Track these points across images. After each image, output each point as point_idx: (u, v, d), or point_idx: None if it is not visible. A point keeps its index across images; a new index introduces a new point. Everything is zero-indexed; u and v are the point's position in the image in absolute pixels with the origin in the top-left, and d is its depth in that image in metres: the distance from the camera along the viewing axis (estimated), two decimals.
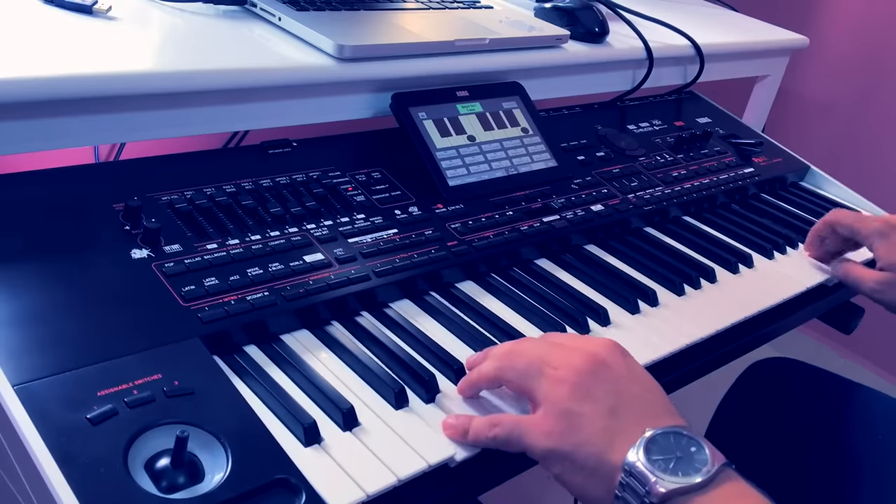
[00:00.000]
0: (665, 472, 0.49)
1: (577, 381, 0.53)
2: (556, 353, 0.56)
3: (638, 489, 0.49)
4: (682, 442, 0.51)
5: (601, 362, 0.55)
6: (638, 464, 0.49)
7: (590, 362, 0.54)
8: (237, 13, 0.88)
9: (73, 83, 0.65)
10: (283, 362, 0.62)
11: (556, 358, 0.55)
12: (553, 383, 0.54)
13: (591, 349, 0.56)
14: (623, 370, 0.55)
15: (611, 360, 0.55)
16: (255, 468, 0.50)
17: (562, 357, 0.55)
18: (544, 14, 1.08)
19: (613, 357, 0.55)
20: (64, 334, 0.55)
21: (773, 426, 0.96)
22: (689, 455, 0.50)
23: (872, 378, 1.95)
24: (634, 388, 0.54)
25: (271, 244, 0.69)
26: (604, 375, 0.54)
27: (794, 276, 0.92)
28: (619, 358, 0.56)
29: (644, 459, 0.49)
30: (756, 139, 1.18)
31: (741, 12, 1.49)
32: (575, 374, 0.54)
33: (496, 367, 0.58)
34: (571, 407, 0.53)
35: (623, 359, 0.56)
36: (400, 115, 0.85)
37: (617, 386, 0.53)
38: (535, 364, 0.55)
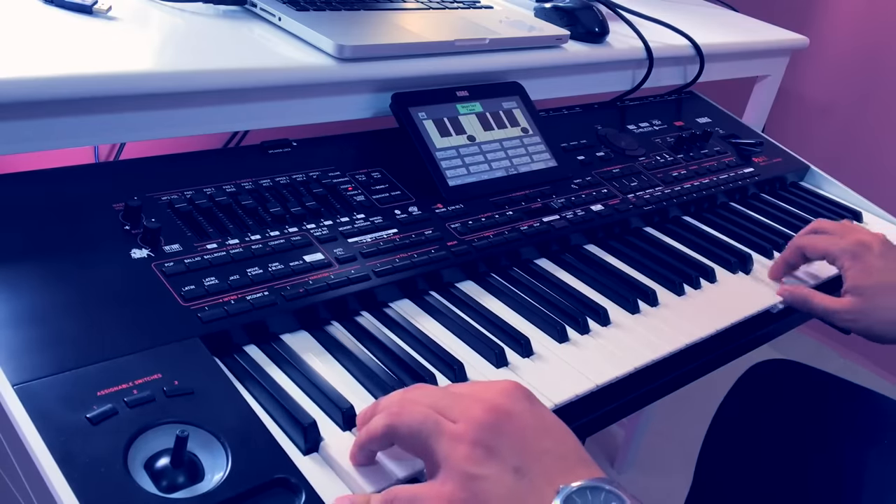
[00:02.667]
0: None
1: (478, 438, 0.47)
2: (452, 404, 0.49)
3: None
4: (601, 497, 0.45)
5: (504, 413, 0.48)
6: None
7: (492, 414, 0.48)
8: (237, 13, 0.88)
9: (73, 83, 0.65)
10: (282, 362, 0.62)
11: (454, 411, 0.49)
12: (451, 442, 0.47)
13: (491, 398, 0.49)
14: (529, 419, 0.48)
15: (514, 409, 0.48)
16: (254, 468, 0.50)
17: (460, 409, 0.49)
18: (544, 14, 1.08)
19: (517, 405, 0.49)
20: (64, 334, 0.55)
21: (773, 429, 0.96)
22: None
23: (872, 378, 1.95)
24: (542, 439, 0.48)
25: (271, 244, 0.69)
26: (507, 428, 0.47)
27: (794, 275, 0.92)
28: (524, 405, 0.49)
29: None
30: (756, 139, 1.18)
31: (741, 12, 1.49)
32: (475, 429, 0.47)
33: (385, 423, 0.50)
34: (473, 470, 0.46)
35: (529, 405, 0.49)
36: (400, 115, 0.85)
37: (523, 440, 0.47)
38: (431, 419, 0.48)
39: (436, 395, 0.51)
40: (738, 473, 0.48)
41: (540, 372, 0.67)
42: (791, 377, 1.01)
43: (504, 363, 0.67)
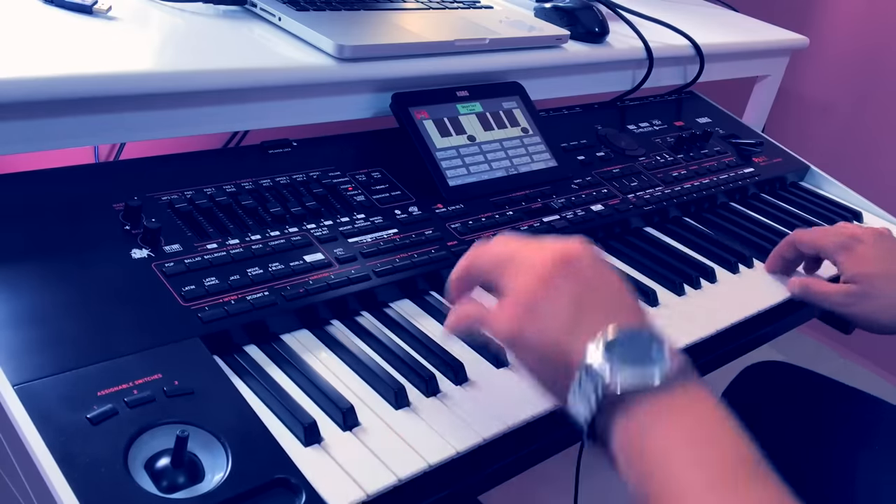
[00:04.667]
0: (623, 371, 0.47)
1: (543, 273, 0.52)
2: (526, 247, 0.55)
3: (595, 385, 0.48)
4: (644, 341, 0.49)
5: (569, 259, 0.53)
6: (596, 360, 0.48)
7: (559, 257, 0.53)
8: (237, 13, 0.88)
9: (73, 83, 0.65)
10: (283, 362, 0.62)
11: (526, 252, 0.54)
12: (519, 274, 0.53)
13: (562, 246, 0.54)
14: (591, 268, 0.53)
15: (580, 257, 0.53)
16: (255, 468, 0.50)
17: (532, 252, 0.54)
18: (544, 14, 1.08)
19: (583, 254, 0.54)
20: (64, 334, 0.55)
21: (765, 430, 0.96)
22: (647, 356, 0.48)
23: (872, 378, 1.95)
24: (601, 285, 0.53)
25: (271, 244, 0.69)
26: (571, 270, 0.52)
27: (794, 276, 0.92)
28: (589, 256, 0.54)
29: (603, 356, 0.48)
30: (756, 139, 1.18)
31: (741, 12, 1.49)
32: (542, 266, 0.52)
33: (467, 262, 0.58)
34: (536, 296, 0.52)
35: (593, 258, 0.54)
36: (400, 115, 0.85)
37: (583, 281, 0.52)
38: (505, 256, 0.55)
39: (513, 241, 0.56)
40: None
41: None
42: (784, 379, 1.01)
43: (504, 363, 0.67)
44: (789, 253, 0.90)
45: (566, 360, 0.50)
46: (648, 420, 0.47)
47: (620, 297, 0.53)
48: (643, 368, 0.48)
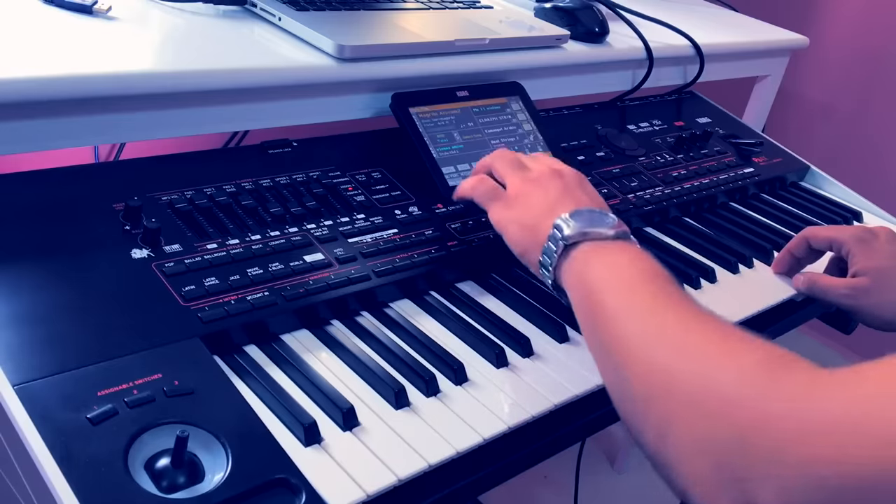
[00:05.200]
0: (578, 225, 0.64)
1: (539, 179, 0.71)
2: (532, 160, 0.75)
3: (557, 236, 0.64)
4: (599, 213, 0.66)
5: (560, 174, 0.71)
6: (561, 222, 0.65)
7: (553, 171, 0.71)
8: (237, 13, 0.88)
9: (73, 83, 0.65)
10: (283, 362, 0.62)
11: (532, 163, 0.74)
12: (523, 177, 0.72)
13: (558, 165, 0.73)
14: (576, 183, 0.71)
15: (568, 175, 0.71)
16: (255, 468, 0.50)
17: (535, 164, 0.74)
18: (544, 14, 1.08)
19: (571, 174, 0.72)
20: (64, 334, 0.55)
21: None
22: (600, 219, 0.65)
23: None
24: (583, 195, 0.69)
25: (271, 244, 0.69)
26: (560, 181, 0.70)
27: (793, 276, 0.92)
28: (576, 177, 0.72)
29: (569, 220, 0.64)
30: (756, 139, 1.18)
31: (741, 12, 1.49)
32: (539, 174, 0.71)
33: (492, 158, 0.76)
34: (530, 192, 0.70)
35: (578, 178, 0.72)
36: (400, 115, 0.85)
37: (567, 188, 0.69)
38: (517, 162, 0.74)
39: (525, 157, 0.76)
40: None
41: (540, 372, 0.67)
42: None
43: (504, 363, 0.67)
44: (799, 251, 0.89)
45: (540, 227, 0.66)
46: (590, 255, 0.63)
47: (598, 203, 0.69)
48: (593, 224, 0.64)
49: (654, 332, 0.55)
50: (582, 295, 0.62)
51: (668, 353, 0.53)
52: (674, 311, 0.56)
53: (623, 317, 0.57)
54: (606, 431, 1.76)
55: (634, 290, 0.59)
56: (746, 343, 0.52)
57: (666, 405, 0.51)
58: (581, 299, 0.62)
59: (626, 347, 0.56)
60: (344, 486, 0.52)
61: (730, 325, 0.55)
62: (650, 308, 0.57)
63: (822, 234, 0.88)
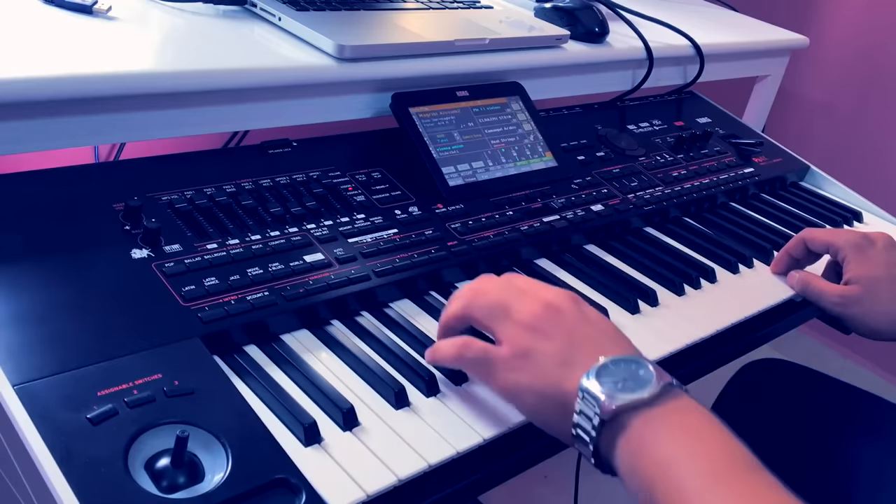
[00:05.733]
0: (614, 392, 0.53)
1: (537, 324, 0.58)
2: (518, 298, 0.61)
3: (591, 409, 0.53)
4: (631, 366, 0.55)
5: (557, 309, 0.59)
6: (590, 387, 0.53)
7: (548, 308, 0.59)
8: (237, 13, 0.88)
9: (73, 83, 0.65)
10: (283, 362, 0.62)
11: (519, 303, 0.60)
12: (515, 325, 0.59)
13: (549, 298, 0.60)
14: (577, 315, 0.60)
15: (566, 307, 0.60)
16: (255, 468, 0.50)
17: (524, 303, 0.60)
18: (544, 14, 1.08)
19: (568, 304, 0.60)
20: (64, 334, 0.55)
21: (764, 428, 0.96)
22: (636, 376, 0.54)
23: (872, 378, 1.95)
24: (588, 328, 0.59)
25: (271, 244, 0.69)
26: (560, 319, 0.59)
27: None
28: (574, 305, 0.60)
29: (596, 383, 0.53)
30: (756, 139, 1.18)
31: (741, 12, 1.49)
32: (534, 317, 0.59)
33: (464, 305, 0.62)
34: (532, 345, 0.57)
35: (577, 306, 0.60)
36: (400, 115, 0.85)
37: (572, 327, 0.58)
38: (500, 306, 0.60)
39: (504, 288, 0.62)
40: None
41: None
42: (782, 376, 1.01)
43: None
44: (798, 252, 0.89)
45: (563, 394, 0.55)
46: (645, 433, 0.52)
47: (608, 333, 0.59)
48: (634, 386, 0.53)
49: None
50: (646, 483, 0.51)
51: None
52: None
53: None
54: None
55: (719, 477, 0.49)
56: None
57: None
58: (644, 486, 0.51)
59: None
60: (344, 486, 0.52)
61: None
62: None
63: (820, 237, 0.88)
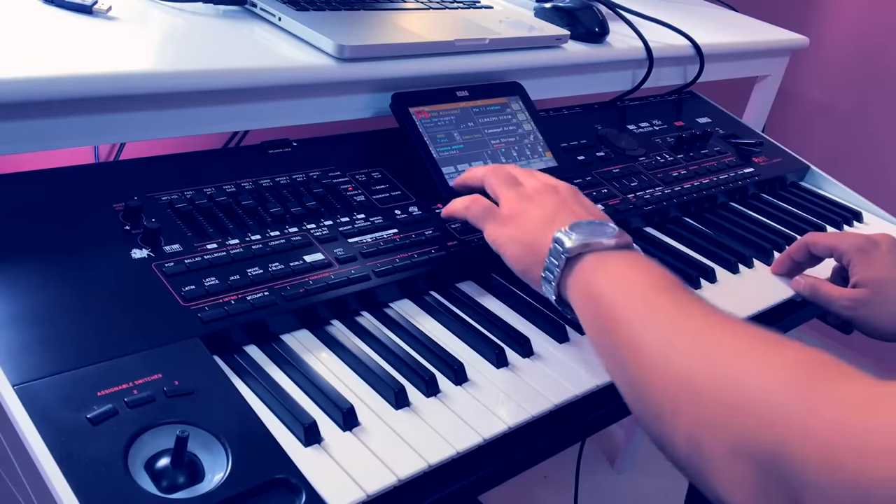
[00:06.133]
0: (579, 236, 0.63)
1: (534, 196, 0.70)
2: (527, 178, 0.73)
3: (558, 250, 0.63)
4: (599, 225, 0.65)
5: (555, 188, 0.71)
6: (562, 235, 0.63)
7: (547, 187, 0.71)
8: (237, 13, 0.88)
9: (73, 83, 0.65)
10: (283, 362, 0.62)
11: (526, 180, 0.73)
12: (517, 194, 0.71)
13: (552, 181, 0.72)
14: (571, 195, 0.71)
15: (563, 189, 0.71)
16: (255, 468, 0.50)
17: (530, 181, 0.73)
18: (544, 14, 1.08)
19: (566, 188, 0.71)
20: (64, 334, 0.55)
21: None
22: (603, 232, 0.64)
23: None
24: (577, 206, 0.69)
25: (271, 244, 0.69)
26: (555, 195, 0.70)
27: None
28: (571, 191, 0.71)
29: (568, 233, 0.63)
30: (756, 139, 1.18)
31: (741, 12, 1.49)
32: (534, 191, 0.71)
33: (485, 171, 0.75)
34: (526, 209, 0.69)
35: (574, 193, 0.71)
36: (400, 115, 0.85)
37: (563, 202, 0.69)
38: (512, 179, 0.73)
39: (518, 171, 0.75)
40: None
41: (540, 372, 0.67)
42: None
43: (504, 363, 0.67)
44: (800, 256, 0.89)
45: (540, 245, 0.65)
46: (595, 266, 0.62)
47: (590, 209, 0.69)
48: (594, 234, 0.63)
49: (676, 339, 0.54)
50: (590, 308, 0.60)
51: (694, 359, 0.52)
52: (694, 316, 0.55)
53: (639, 327, 0.56)
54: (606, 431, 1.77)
55: (648, 299, 0.58)
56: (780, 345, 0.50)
57: (697, 412, 0.50)
58: (590, 312, 0.61)
59: (647, 357, 0.54)
60: (344, 486, 0.52)
61: (756, 327, 0.53)
62: (669, 316, 0.56)
63: (823, 241, 0.88)
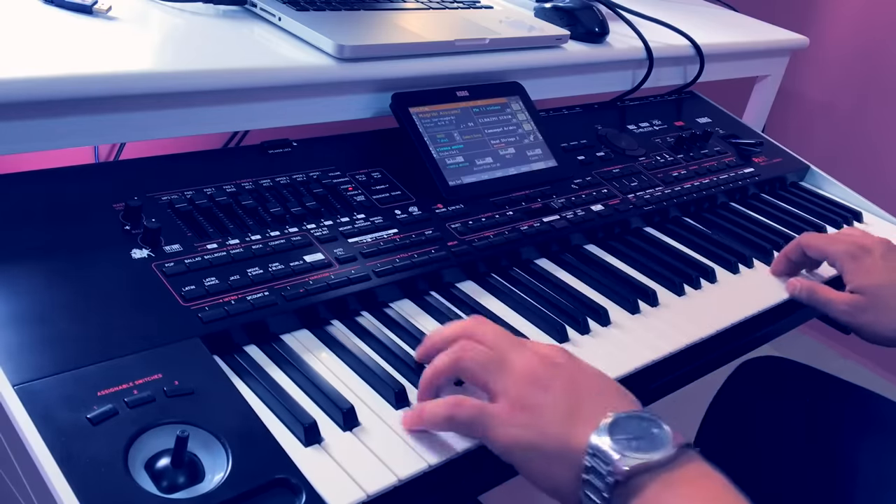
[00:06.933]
0: (627, 451, 0.50)
1: (536, 376, 0.55)
2: (512, 349, 0.57)
3: (602, 469, 0.50)
4: (644, 423, 0.52)
5: (553, 362, 0.57)
6: (601, 444, 0.50)
7: (546, 361, 0.56)
8: (237, 13, 0.88)
9: (73, 83, 0.65)
10: (283, 362, 0.62)
11: (513, 354, 0.57)
12: (512, 378, 0.55)
13: (544, 350, 0.58)
14: (574, 366, 0.57)
15: (561, 359, 0.57)
16: (255, 468, 0.50)
17: (518, 355, 0.57)
18: (544, 14, 1.08)
19: (564, 356, 0.58)
20: (64, 334, 0.55)
21: (764, 425, 0.96)
22: (650, 435, 0.51)
23: (872, 378, 1.95)
24: (589, 380, 0.56)
25: (271, 244, 0.69)
26: (557, 371, 0.56)
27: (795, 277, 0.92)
28: (569, 358, 0.58)
29: (607, 440, 0.50)
30: (756, 139, 1.18)
31: (741, 12, 1.49)
32: (532, 368, 0.56)
33: (454, 359, 0.58)
34: (532, 398, 0.54)
35: (572, 359, 0.58)
36: (400, 115, 0.85)
37: (572, 380, 0.55)
38: (495, 359, 0.57)
39: (497, 336, 0.58)
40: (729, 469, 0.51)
41: None
42: (782, 374, 1.01)
43: None
44: (796, 256, 0.89)
45: (570, 451, 0.52)
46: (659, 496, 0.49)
47: (609, 386, 0.57)
48: (647, 447, 0.50)
49: None
50: None
51: None
52: None
53: None
54: None
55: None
56: None
57: None
58: None
59: None
60: (344, 486, 0.52)
61: None
62: None
63: (815, 244, 0.88)
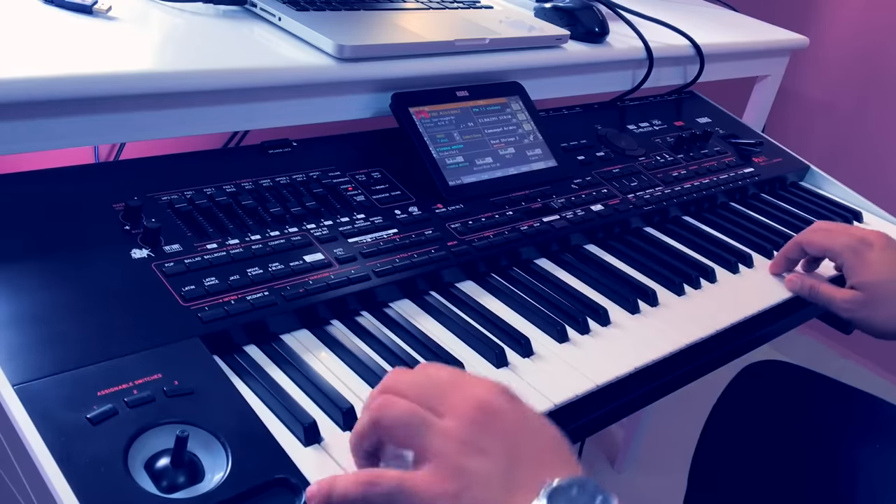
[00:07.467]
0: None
1: (466, 435, 0.47)
2: (438, 397, 0.49)
3: None
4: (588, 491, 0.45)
5: (491, 411, 0.48)
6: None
7: (479, 411, 0.48)
8: (237, 13, 0.88)
9: (73, 83, 0.65)
10: (283, 362, 0.62)
11: (440, 405, 0.49)
12: (439, 437, 0.47)
13: (478, 394, 0.49)
14: (514, 416, 0.49)
15: (501, 407, 0.49)
16: (255, 468, 0.50)
17: (447, 404, 0.49)
18: (544, 14, 1.08)
19: (503, 402, 0.49)
20: (64, 334, 0.55)
21: (766, 429, 0.96)
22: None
23: (872, 379, 1.95)
24: (529, 436, 0.48)
25: (271, 244, 0.69)
26: (495, 426, 0.48)
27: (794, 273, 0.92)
28: (509, 403, 0.49)
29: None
30: (756, 139, 1.18)
31: (741, 12, 1.49)
32: (464, 425, 0.47)
33: (370, 419, 0.50)
34: (464, 463, 0.46)
35: (512, 403, 0.50)
36: (400, 115, 0.85)
37: (510, 436, 0.48)
38: (417, 414, 0.48)
39: (420, 386, 0.50)
40: (732, 474, 0.49)
41: (540, 372, 0.67)
42: (784, 378, 1.01)
43: (504, 363, 0.67)
44: (795, 254, 0.90)
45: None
46: None
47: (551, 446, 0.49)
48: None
49: None
50: None
51: None
52: None
53: None
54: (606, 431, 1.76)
55: None
56: None
57: None
58: None
59: None
60: None
61: None
62: None
63: (817, 242, 0.88)
